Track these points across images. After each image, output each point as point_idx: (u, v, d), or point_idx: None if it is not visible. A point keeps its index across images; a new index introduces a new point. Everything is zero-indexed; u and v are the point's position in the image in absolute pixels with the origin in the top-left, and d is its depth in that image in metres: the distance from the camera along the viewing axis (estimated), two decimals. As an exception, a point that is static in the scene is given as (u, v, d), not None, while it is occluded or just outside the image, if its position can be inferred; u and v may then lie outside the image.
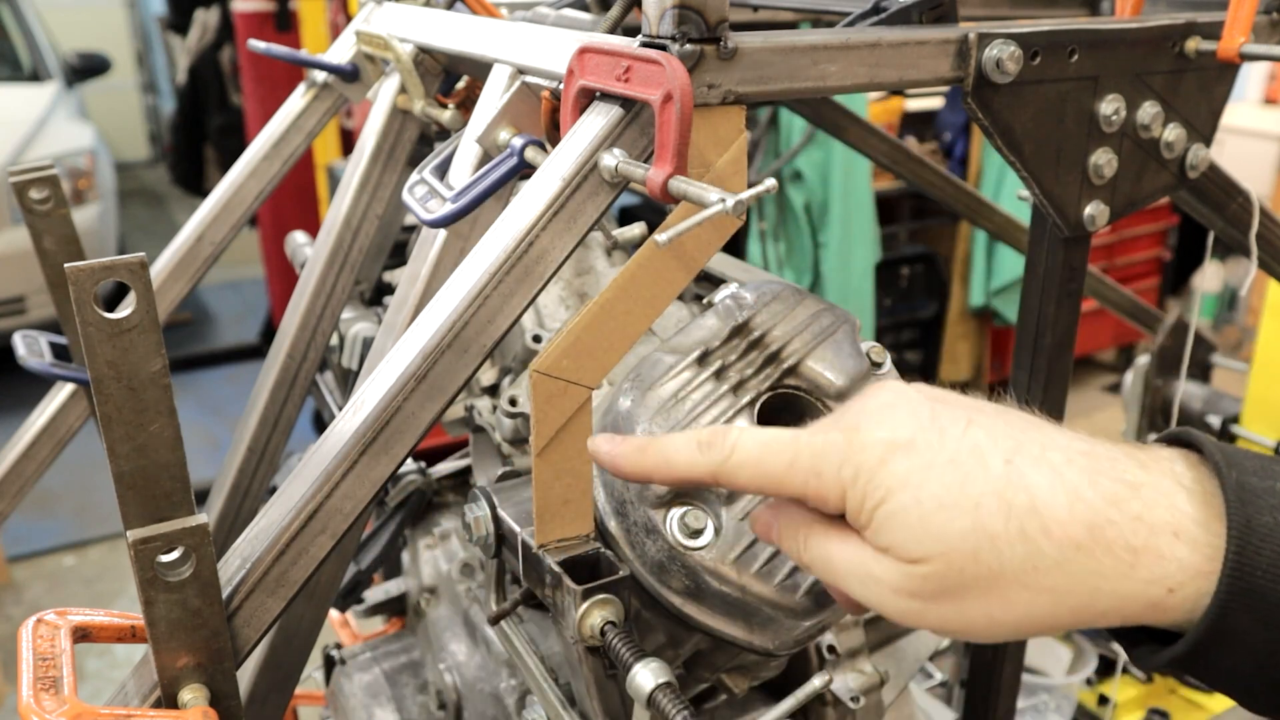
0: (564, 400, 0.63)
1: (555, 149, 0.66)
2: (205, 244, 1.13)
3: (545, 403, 0.62)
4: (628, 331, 0.64)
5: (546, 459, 0.65)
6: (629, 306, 0.63)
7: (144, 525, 0.57)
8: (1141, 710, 2.06)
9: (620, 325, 0.64)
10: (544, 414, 0.63)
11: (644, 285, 0.64)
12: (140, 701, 0.61)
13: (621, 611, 0.66)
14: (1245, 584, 0.44)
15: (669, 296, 0.65)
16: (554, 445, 0.65)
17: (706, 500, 0.70)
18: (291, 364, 1.08)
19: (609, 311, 0.63)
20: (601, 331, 0.63)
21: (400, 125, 1.05)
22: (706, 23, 0.62)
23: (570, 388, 0.63)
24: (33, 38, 5.83)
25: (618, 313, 0.63)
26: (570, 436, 0.64)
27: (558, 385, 0.62)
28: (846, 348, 0.78)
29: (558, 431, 0.64)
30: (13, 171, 1.05)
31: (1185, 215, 3.77)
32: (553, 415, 0.63)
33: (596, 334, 0.63)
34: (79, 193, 4.92)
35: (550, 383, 0.62)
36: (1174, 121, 0.87)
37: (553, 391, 0.62)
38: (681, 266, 0.65)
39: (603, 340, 0.63)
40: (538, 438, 0.64)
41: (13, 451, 1.15)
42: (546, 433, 0.64)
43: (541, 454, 0.65)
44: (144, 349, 0.54)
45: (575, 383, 0.63)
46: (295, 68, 1.67)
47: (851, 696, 0.99)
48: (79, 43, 6.79)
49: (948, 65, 0.73)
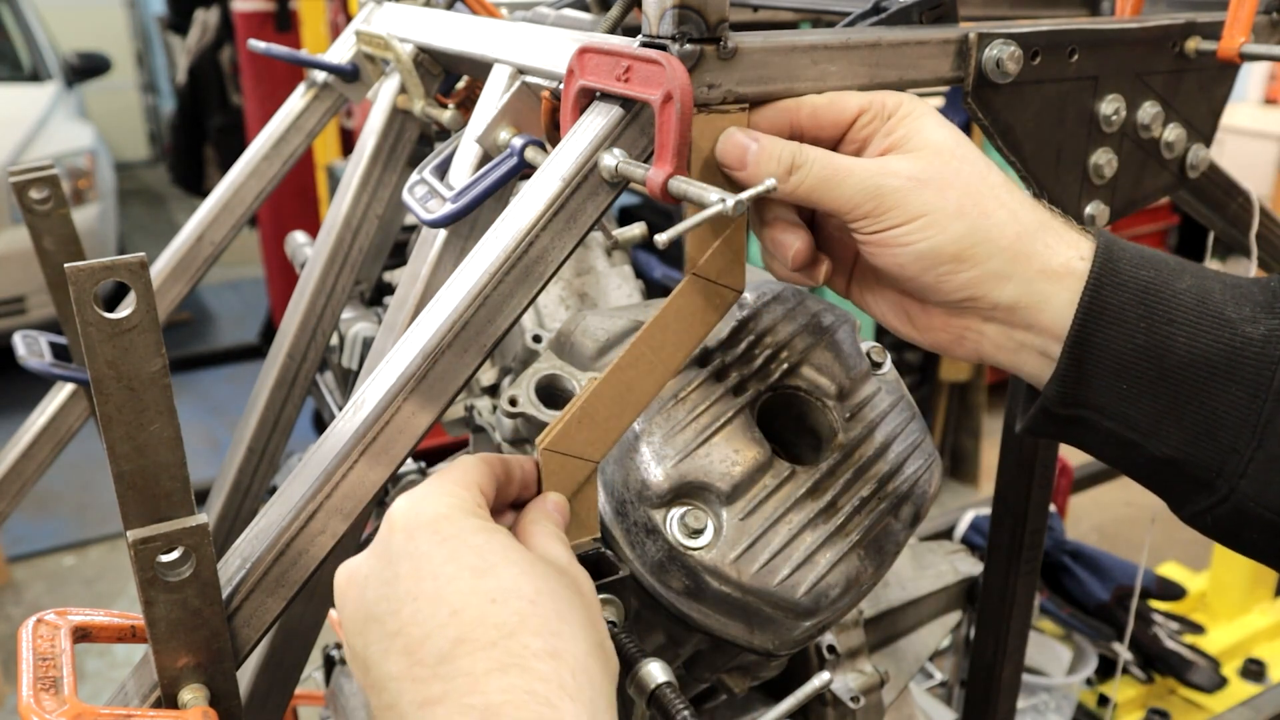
0: (571, 473, 0.65)
1: (555, 149, 0.66)
2: (205, 244, 1.13)
3: (553, 476, 0.64)
4: (629, 406, 0.65)
5: None
6: (628, 381, 0.65)
7: (144, 525, 0.57)
8: (1141, 710, 2.06)
9: (621, 400, 0.65)
10: (552, 487, 0.64)
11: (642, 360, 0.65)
12: (140, 701, 0.61)
13: (622, 611, 0.66)
14: (1112, 266, 0.60)
15: (670, 370, 0.66)
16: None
17: (706, 500, 0.70)
18: (291, 364, 1.08)
19: (610, 387, 0.64)
20: (604, 408, 0.64)
21: (400, 125, 1.05)
22: (706, 23, 0.62)
23: (577, 463, 0.64)
24: (33, 38, 5.84)
25: (618, 388, 0.65)
26: (578, 505, 0.66)
27: (565, 460, 0.64)
28: (847, 348, 0.78)
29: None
30: (13, 171, 1.05)
31: (1185, 215, 3.77)
32: (561, 488, 0.65)
33: (599, 409, 0.64)
34: (79, 193, 4.92)
35: (558, 459, 0.64)
36: (1174, 121, 0.87)
37: (560, 466, 0.64)
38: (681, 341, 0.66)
39: (606, 416, 0.65)
40: None
41: (13, 451, 1.15)
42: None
43: None
44: (144, 349, 0.54)
45: (581, 458, 0.64)
46: (295, 68, 1.68)
47: (851, 696, 0.99)
48: (79, 43, 6.79)
49: (948, 65, 0.73)
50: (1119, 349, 0.60)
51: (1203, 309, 0.59)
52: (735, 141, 0.64)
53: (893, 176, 0.62)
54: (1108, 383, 0.61)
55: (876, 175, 0.62)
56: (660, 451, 0.69)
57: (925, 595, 1.18)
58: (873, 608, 1.12)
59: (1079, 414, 0.62)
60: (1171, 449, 0.60)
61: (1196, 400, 0.59)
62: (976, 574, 1.21)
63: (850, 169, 0.63)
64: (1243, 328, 0.59)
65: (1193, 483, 0.61)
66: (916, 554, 1.24)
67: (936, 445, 1.11)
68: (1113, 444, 0.63)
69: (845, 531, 0.71)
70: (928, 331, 0.68)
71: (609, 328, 0.91)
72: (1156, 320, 0.59)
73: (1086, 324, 0.60)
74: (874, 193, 0.62)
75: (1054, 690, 2.02)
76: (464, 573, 0.52)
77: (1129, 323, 0.60)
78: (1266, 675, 2.25)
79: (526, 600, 0.51)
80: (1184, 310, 0.59)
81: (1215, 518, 0.61)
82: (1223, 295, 0.60)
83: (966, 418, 3.94)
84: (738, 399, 0.72)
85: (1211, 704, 2.12)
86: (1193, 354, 0.59)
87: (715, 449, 0.70)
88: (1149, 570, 2.22)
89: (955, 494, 3.84)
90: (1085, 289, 0.60)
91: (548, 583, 0.53)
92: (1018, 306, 0.62)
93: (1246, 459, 0.58)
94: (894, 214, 0.62)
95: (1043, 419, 0.64)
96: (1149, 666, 2.14)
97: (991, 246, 0.62)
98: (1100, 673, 2.07)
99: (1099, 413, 0.62)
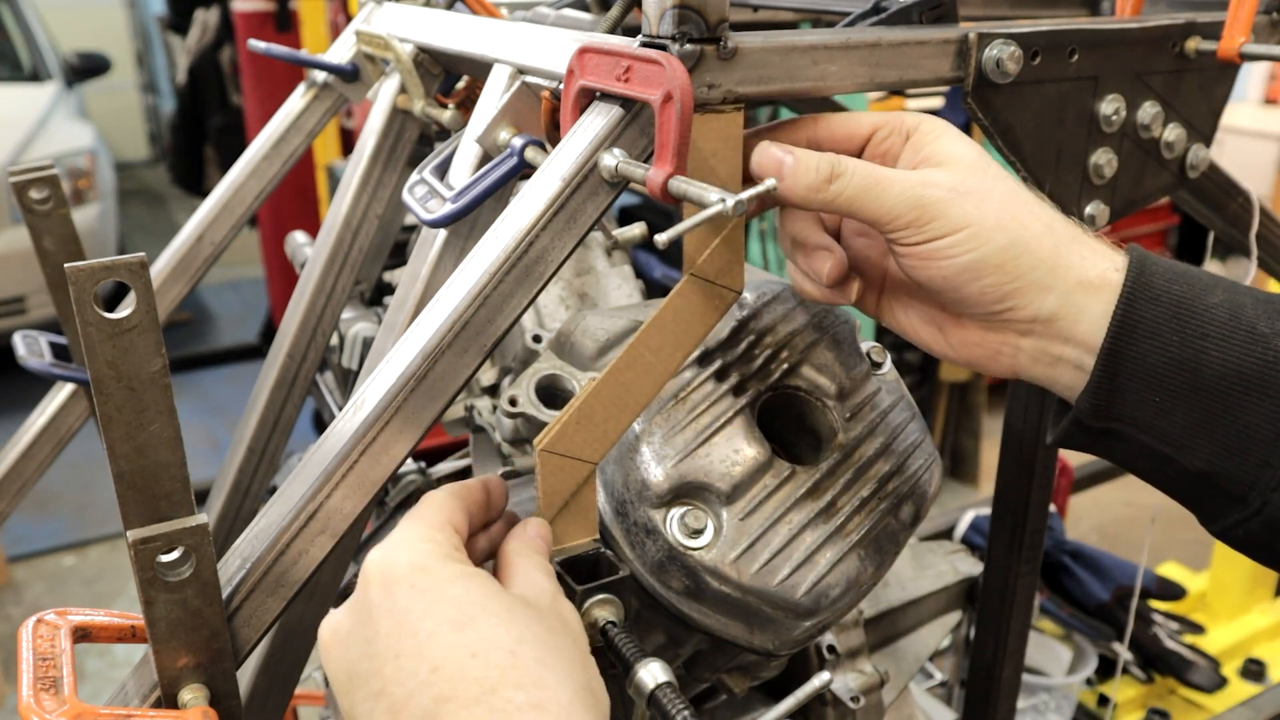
0: (569, 475, 0.64)
1: (555, 149, 0.66)
2: (205, 244, 1.13)
3: (550, 477, 0.64)
4: (628, 407, 0.65)
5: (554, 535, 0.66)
6: (626, 382, 0.65)
7: (144, 525, 0.57)
8: (1141, 710, 2.07)
9: (619, 401, 0.65)
10: (550, 488, 0.64)
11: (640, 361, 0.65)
12: (140, 701, 0.61)
13: (621, 611, 0.66)
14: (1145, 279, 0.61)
15: (669, 371, 0.66)
16: (561, 517, 0.66)
17: (706, 500, 0.70)
18: (291, 364, 1.08)
19: (608, 388, 0.64)
20: (603, 409, 0.64)
21: (400, 125, 1.05)
22: (706, 23, 0.62)
23: (575, 464, 0.64)
24: (33, 38, 5.83)
25: (617, 389, 0.64)
26: (576, 506, 0.66)
27: (562, 462, 0.64)
28: (847, 348, 0.78)
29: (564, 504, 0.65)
30: (13, 171, 1.05)
31: (1185, 215, 3.77)
32: (559, 489, 0.64)
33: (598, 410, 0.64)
34: (79, 193, 4.92)
35: (555, 460, 0.63)
36: (1174, 121, 0.87)
37: (558, 467, 0.64)
38: (679, 342, 0.66)
39: (604, 417, 0.64)
40: (546, 510, 0.65)
41: (13, 451, 1.15)
42: (554, 505, 0.65)
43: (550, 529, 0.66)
44: (144, 349, 0.54)
45: (579, 459, 0.64)
46: (295, 68, 1.68)
47: (851, 696, 0.99)
48: (79, 43, 6.79)
49: (948, 65, 0.73)
50: (1152, 362, 0.60)
51: (1235, 323, 0.60)
52: (770, 155, 0.64)
53: (935, 188, 0.62)
54: (1141, 395, 0.61)
55: (919, 185, 0.62)
56: (660, 451, 0.69)
57: (925, 595, 1.18)
58: (873, 608, 1.12)
59: (1112, 426, 0.62)
60: (1204, 462, 0.60)
61: (1229, 414, 0.59)
62: (976, 574, 1.21)
63: (892, 178, 0.63)
64: (1275, 342, 0.59)
65: (1225, 497, 0.61)
66: (916, 554, 1.24)
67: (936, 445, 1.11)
68: (1145, 457, 0.63)
69: (845, 531, 0.71)
70: (963, 347, 0.68)
71: (609, 328, 0.91)
72: (1189, 334, 0.60)
73: (1120, 336, 0.60)
74: (917, 202, 0.62)
75: (1054, 690, 2.02)
76: (443, 627, 0.52)
77: (1162, 336, 0.60)
78: (1266, 675, 2.25)
79: (506, 651, 0.51)
80: (1217, 324, 0.60)
81: (1247, 531, 0.61)
82: (1255, 310, 0.60)
83: (966, 418, 3.94)
84: (738, 399, 0.72)
85: (1211, 704, 2.12)
86: (1225, 368, 0.59)
87: (715, 449, 0.70)
88: (1149, 570, 2.22)
89: (955, 494, 3.84)
90: (1119, 301, 0.61)
91: (529, 629, 0.52)
92: (1056, 318, 0.62)
93: (1279, 472, 0.59)
94: (937, 224, 0.62)
95: (1075, 431, 0.64)
96: (1149, 666, 2.14)
97: (1032, 258, 0.62)
98: (1100, 673, 2.07)
99: (1132, 425, 0.62)
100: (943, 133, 0.66)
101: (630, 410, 0.65)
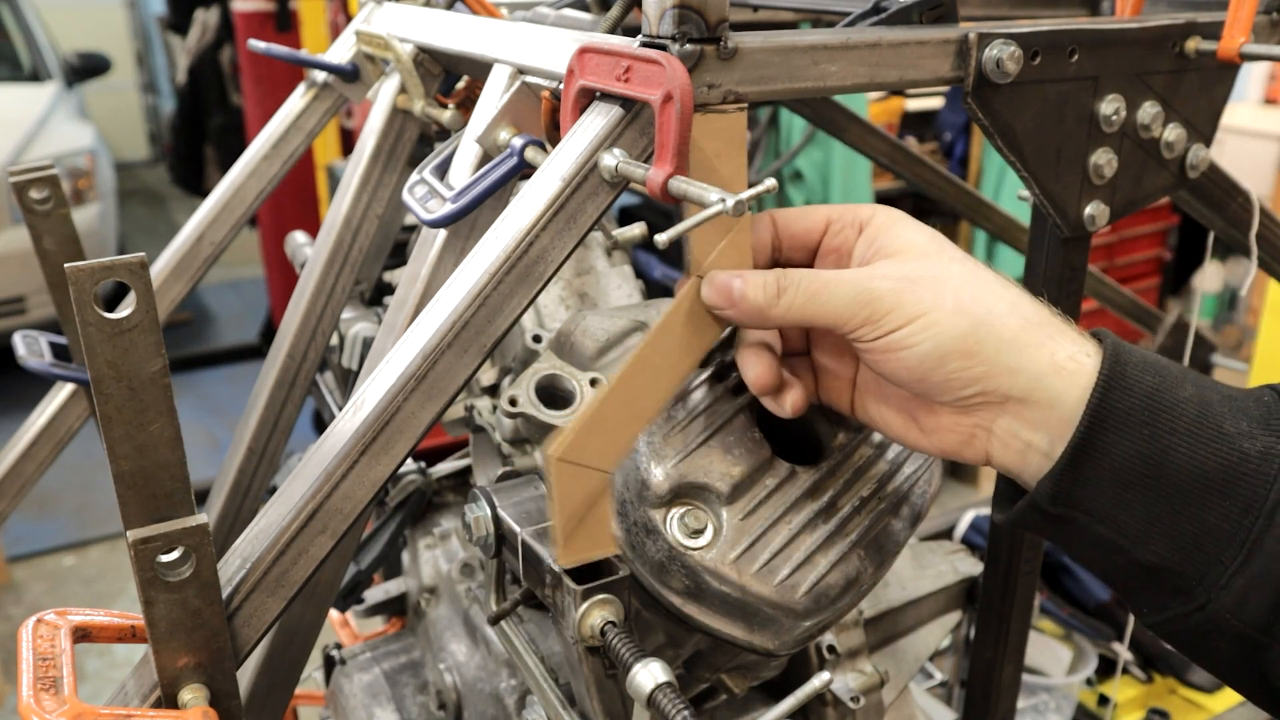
0: (583, 484, 0.63)
1: (555, 149, 0.66)
2: (205, 244, 1.13)
3: (565, 486, 0.62)
4: (640, 412, 0.64)
5: (569, 548, 0.65)
6: (638, 387, 0.64)
7: (144, 525, 0.57)
8: (1141, 710, 2.07)
9: (632, 407, 0.64)
10: (565, 497, 0.62)
11: (651, 365, 0.64)
12: (140, 701, 0.61)
13: (621, 611, 0.66)
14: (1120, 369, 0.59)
15: (679, 375, 0.65)
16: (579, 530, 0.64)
17: (706, 500, 0.70)
18: (291, 364, 1.08)
19: (620, 393, 0.63)
20: (615, 415, 0.63)
21: (400, 125, 1.05)
22: (706, 23, 0.62)
23: (590, 473, 0.63)
24: (33, 38, 5.84)
25: (628, 394, 0.64)
26: (591, 521, 0.64)
27: (577, 470, 0.62)
28: (846, 348, 0.78)
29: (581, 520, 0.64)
30: (13, 171, 1.05)
31: (1185, 215, 3.77)
32: (574, 499, 0.63)
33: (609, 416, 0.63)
34: (79, 193, 4.92)
35: (570, 469, 0.62)
36: (1174, 121, 0.87)
37: (572, 477, 0.62)
38: (690, 345, 0.65)
39: (616, 424, 0.63)
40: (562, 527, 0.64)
41: (13, 451, 1.15)
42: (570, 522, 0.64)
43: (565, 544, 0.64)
44: (144, 349, 0.54)
45: (594, 468, 0.63)
46: (295, 68, 1.68)
47: (851, 696, 0.99)
48: (79, 43, 6.79)
49: (948, 65, 0.73)
50: (1119, 454, 0.59)
51: (1203, 420, 0.59)
52: (720, 283, 0.64)
53: (883, 279, 0.62)
54: (1103, 487, 0.59)
55: (866, 280, 0.62)
56: (660, 451, 0.69)
57: (925, 595, 1.18)
58: (873, 608, 1.12)
59: (1069, 514, 0.61)
60: (1156, 557, 0.59)
61: (1189, 512, 0.58)
62: (976, 574, 1.21)
63: (839, 279, 0.63)
64: (1240, 443, 0.58)
65: (1170, 591, 0.60)
66: (916, 554, 1.24)
67: (936, 445, 1.10)
68: (1096, 547, 0.62)
69: (845, 532, 0.71)
70: (934, 433, 0.66)
71: (609, 328, 0.91)
72: (1160, 429, 0.59)
73: (1093, 426, 0.59)
74: (867, 299, 0.61)
75: (1054, 690, 2.02)
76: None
77: (1133, 429, 0.59)
78: (1266, 675, 2.24)
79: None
80: (1185, 421, 0.59)
81: (1185, 625, 0.60)
82: (1221, 407, 0.59)
83: (966, 418, 3.93)
84: (738, 399, 0.72)
85: (1211, 704, 2.12)
86: (1191, 466, 0.58)
87: (715, 449, 0.70)
88: (1149, 570, 2.21)
89: (955, 494, 3.85)
90: (1094, 390, 0.59)
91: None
92: (1029, 400, 0.61)
93: (1230, 572, 0.58)
94: (892, 317, 0.61)
95: (1030, 514, 0.63)
96: (1149, 666, 2.15)
97: (997, 340, 0.60)
98: (1100, 673, 2.07)
99: (1089, 515, 0.60)
100: (895, 222, 0.65)
101: (643, 416, 0.64)
